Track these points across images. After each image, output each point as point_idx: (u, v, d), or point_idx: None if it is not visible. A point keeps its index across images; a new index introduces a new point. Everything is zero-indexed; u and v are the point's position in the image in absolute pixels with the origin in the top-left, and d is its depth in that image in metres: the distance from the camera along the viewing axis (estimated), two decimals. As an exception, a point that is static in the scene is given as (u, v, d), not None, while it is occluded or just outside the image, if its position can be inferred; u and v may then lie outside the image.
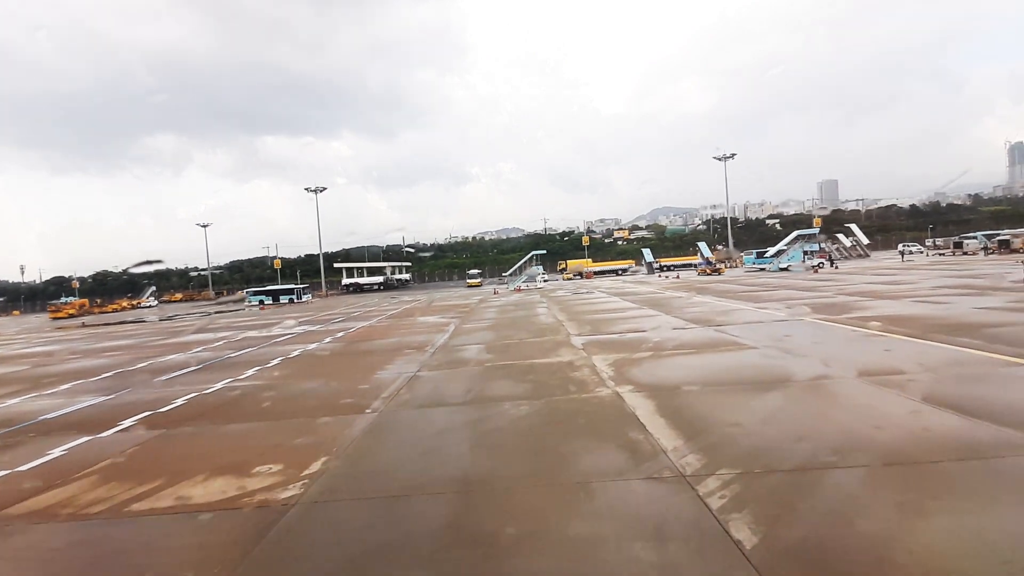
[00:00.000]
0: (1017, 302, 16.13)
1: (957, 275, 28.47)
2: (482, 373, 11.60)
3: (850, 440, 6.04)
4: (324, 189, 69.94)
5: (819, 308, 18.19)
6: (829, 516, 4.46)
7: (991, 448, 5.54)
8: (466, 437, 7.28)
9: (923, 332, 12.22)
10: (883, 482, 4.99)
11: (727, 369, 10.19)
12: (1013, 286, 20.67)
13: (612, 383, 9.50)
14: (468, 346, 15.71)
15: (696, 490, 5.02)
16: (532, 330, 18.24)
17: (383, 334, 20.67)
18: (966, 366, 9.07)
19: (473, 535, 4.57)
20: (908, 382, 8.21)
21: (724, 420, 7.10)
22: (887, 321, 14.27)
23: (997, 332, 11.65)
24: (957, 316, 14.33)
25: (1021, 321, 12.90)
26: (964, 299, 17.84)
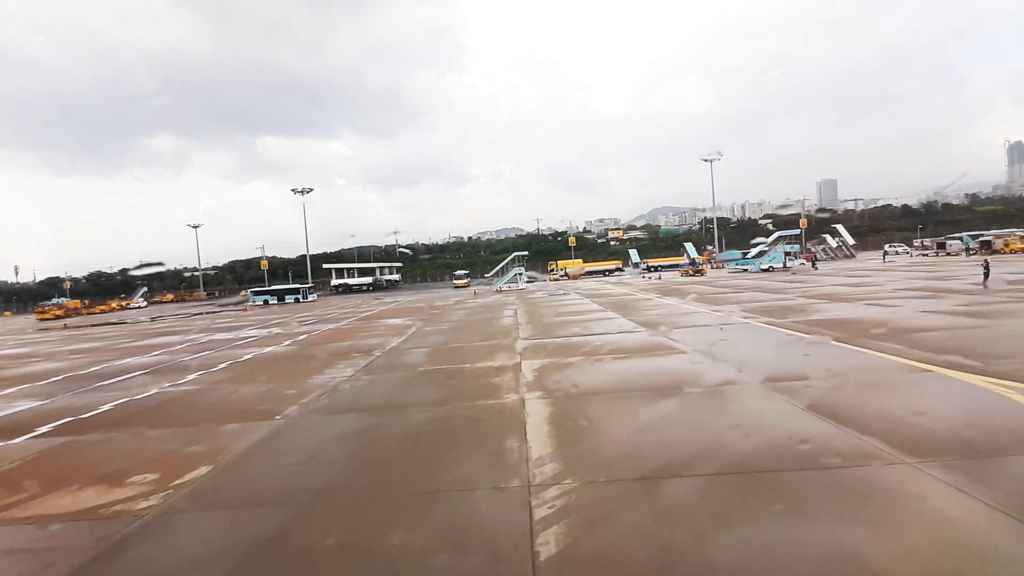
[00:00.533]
0: (963, 305, 16.20)
1: (925, 277, 28.57)
2: (409, 378, 11.68)
3: (711, 449, 6.11)
4: (311, 190, 70.12)
5: (771, 311, 18.25)
6: (640, 526, 4.52)
7: (841, 458, 5.60)
8: (351, 446, 7.36)
9: (854, 336, 12.30)
10: (713, 492, 5.06)
11: (644, 375, 10.25)
12: (971, 288, 20.75)
13: (524, 389, 9.57)
14: (414, 350, 15.78)
15: (531, 500, 5.08)
16: (484, 333, 18.31)
17: (342, 337, 20.72)
18: (872, 372, 9.13)
19: (291, 547, 4.64)
20: (805, 388, 8.28)
21: (605, 428, 7.18)
22: (827, 325, 14.34)
23: (923, 336, 11.72)
24: (896, 320, 14.41)
25: (953, 325, 12.98)
26: (915, 302, 17.91)
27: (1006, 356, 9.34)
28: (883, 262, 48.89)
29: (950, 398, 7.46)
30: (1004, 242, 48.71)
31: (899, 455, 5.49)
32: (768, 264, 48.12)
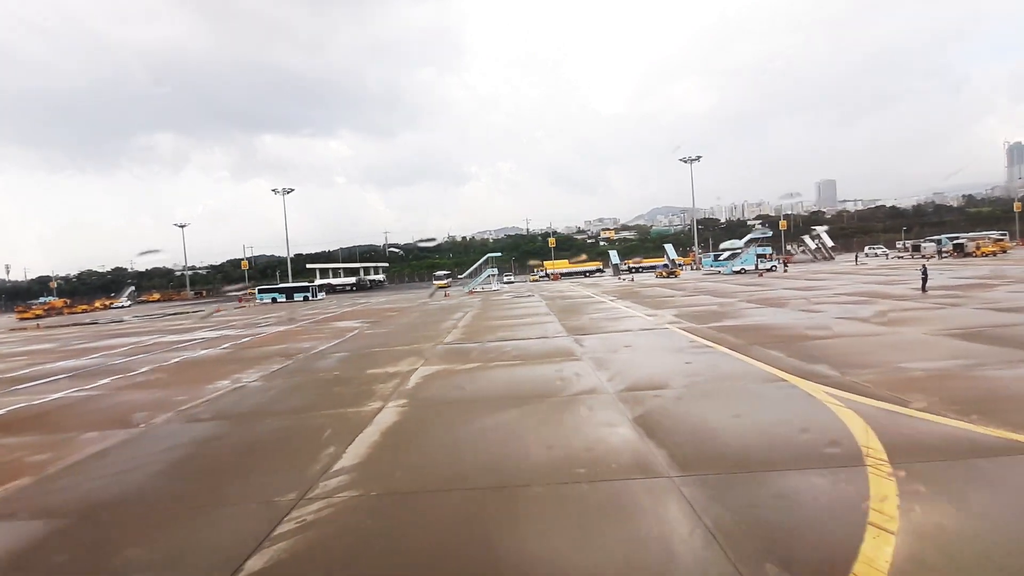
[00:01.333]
0: (880, 312, 16.31)
1: (877, 281, 28.69)
2: (300, 384, 11.78)
3: (506, 462, 6.20)
4: (292, 190, 70.07)
5: (700, 316, 18.37)
6: (374, 540, 4.63)
7: (611, 470, 5.69)
8: (181, 456, 7.44)
9: (749, 343, 12.40)
10: (466, 504, 5.16)
11: (521, 383, 10.36)
12: (907, 294, 20.85)
13: (395, 397, 9.67)
14: (333, 354, 15.88)
15: (288, 512, 5.17)
16: (412, 338, 18.44)
17: (280, 340, 20.80)
18: (729, 381, 9.24)
19: (25, 563, 4.74)
20: (652, 398, 8.37)
21: (435, 438, 7.30)
22: (736, 330, 14.45)
23: (811, 344, 11.84)
24: (804, 326, 14.51)
25: (850, 333, 13.09)
26: (842, 307, 18.01)
27: (869, 367, 9.43)
28: (855, 264, 49.04)
29: (773, 410, 7.55)
30: (976, 245, 48.86)
31: (670, 470, 5.58)
32: (740, 266, 48.23)
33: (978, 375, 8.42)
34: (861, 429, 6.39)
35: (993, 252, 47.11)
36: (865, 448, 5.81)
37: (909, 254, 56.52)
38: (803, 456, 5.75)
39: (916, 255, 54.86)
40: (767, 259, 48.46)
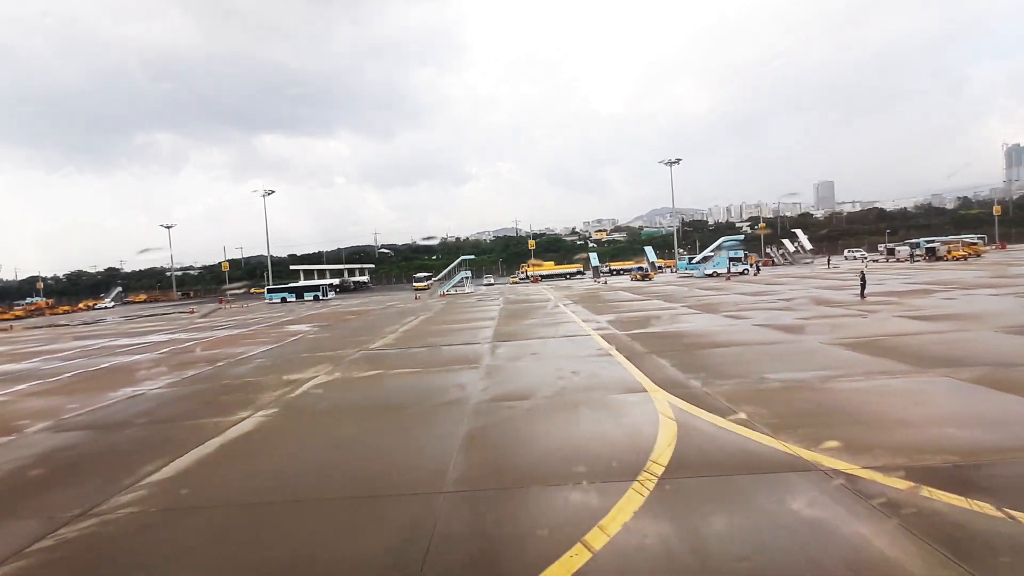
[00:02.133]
0: (801, 319, 16.41)
1: (830, 287, 28.82)
2: (191, 394, 11.83)
3: (323, 472, 6.30)
4: (273, 192, 69.99)
5: (629, 322, 18.49)
6: (104, 554, 4.70)
7: (397, 487, 5.78)
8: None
9: (652, 351, 12.52)
10: (243, 522, 5.24)
11: (404, 390, 10.58)
12: (846, 300, 20.95)
13: (269, 407, 9.74)
14: (256, 360, 15.94)
15: (56, 528, 5.24)
16: (349, 341, 18.65)
17: (219, 345, 20.86)
18: (596, 392, 9.30)
19: None
20: (507, 409, 8.48)
21: (264, 452, 7.39)
22: (651, 338, 14.59)
23: (704, 353, 11.93)
24: (714, 334, 14.61)
25: (753, 341, 13.19)
26: (772, 314, 18.12)
27: (734, 377, 9.52)
28: (828, 268, 49.21)
29: (604, 423, 7.60)
30: (948, 249, 49.05)
31: (449, 484, 5.67)
32: (712, 269, 48.35)
33: (825, 387, 8.49)
34: (666, 443, 6.48)
35: (964, 256, 47.29)
36: (652, 462, 5.89)
37: (884, 258, 56.71)
38: (589, 471, 5.82)
39: (891, 259, 55.04)
40: (740, 262, 48.59)
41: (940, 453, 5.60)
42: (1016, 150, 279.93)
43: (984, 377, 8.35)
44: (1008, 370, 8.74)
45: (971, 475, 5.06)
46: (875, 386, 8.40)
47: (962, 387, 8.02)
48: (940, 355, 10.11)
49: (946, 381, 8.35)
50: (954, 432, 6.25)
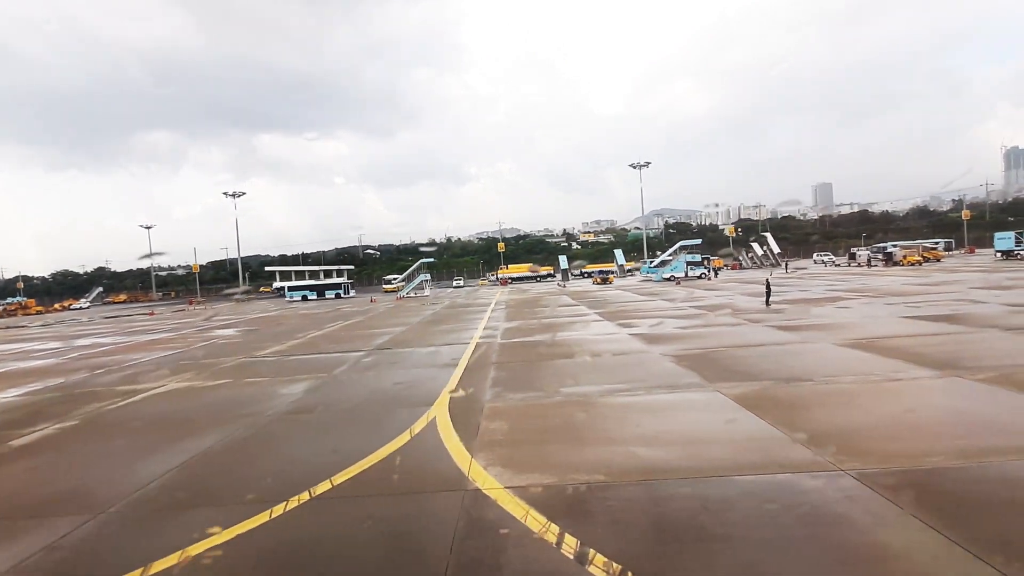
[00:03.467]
0: (681, 328, 16.60)
1: (756, 293, 28.97)
2: (22, 404, 11.98)
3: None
4: (243, 194, 70.17)
5: (525, 329, 18.70)
6: None
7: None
8: None
9: (505, 360, 12.68)
10: None
11: (213, 404, 10.64)
12: (751, 308, 21.14)
13: (70, 419, 9.90)
14: (128, 371, 16.08)
15: None
16: (252, 347, 18.84)
17: (122, 351, 21.00)
18: (394, 402, 9.48)
19: None
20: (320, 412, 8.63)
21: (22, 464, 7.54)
22: (518, 348, 14.76)
23: (547, 364, 12.10)
24: (579, 345, 14.78)
25: (601, 351, 13.36)
26: (658, 319, 18.32)
27: (536, 390, 9.70)
28: (786, 272, 49.45)
29: (358, 433, 7.80)
30: (904, 254, 49.28)
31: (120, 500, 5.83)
32: (670, 273, 48.56)
33: (599, 401, 8.65)
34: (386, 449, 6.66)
35: (918, 261, 47.48)
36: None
37: (846, 262, 56.95)
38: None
39: (852, 263, 55.29)
40: (698, 266, 48.88)
41: (629, 470, 5.75)
42: (1015, 152, 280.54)
43: (753, 392, 8.50)
44: (783, 386, 8.90)
45: (672, 489, 5.22)
46: (641, 401, 8.59)
47: (713, 402, 8.18)
48: (742, 369, 10.27)
49: (713, 397, 8.51)
50: (640, 450, 6.41)
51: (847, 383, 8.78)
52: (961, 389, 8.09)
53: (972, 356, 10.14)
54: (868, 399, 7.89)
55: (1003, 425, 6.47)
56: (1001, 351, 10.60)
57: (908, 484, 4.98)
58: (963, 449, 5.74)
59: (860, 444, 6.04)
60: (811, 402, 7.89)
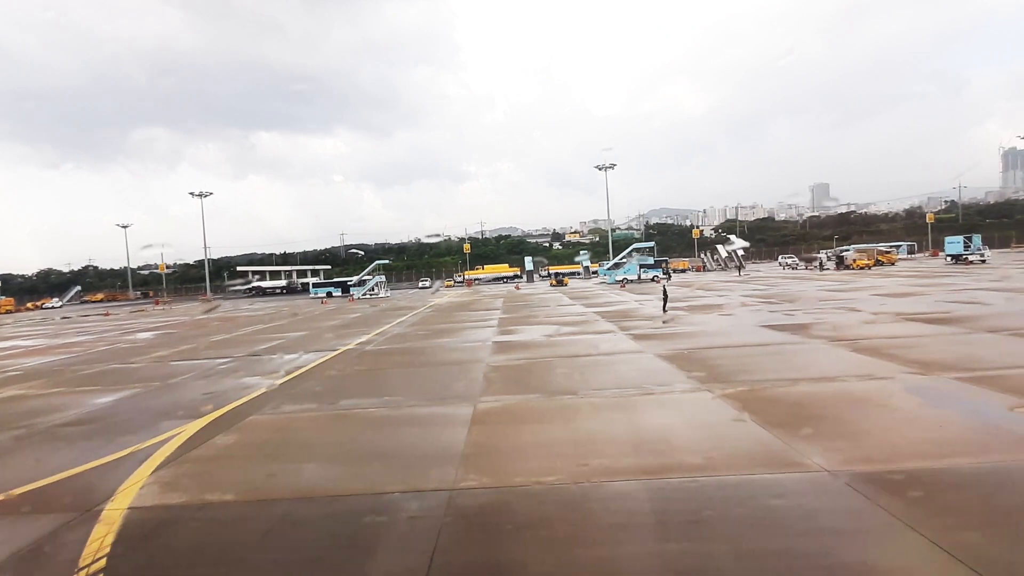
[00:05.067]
0: (550, 336, 16.92)
1: (679, 298, 29.33)
2: None
3: None
4: (210, 194, 70.28)
5: (401, 336, 18.97)
6: None
7: None
8: None
9: (376, 368, 12.97)
10: None
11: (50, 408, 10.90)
12: (647, 314, 21.46)
13: None
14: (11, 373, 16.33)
15: None
16: (154, 349, 18.98)
17: (35, 353, 21.23)
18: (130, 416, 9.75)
19: None
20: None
21: None
22: (383, 355, 15.05)
23: (386, 373, 12.39)
24: (431, 352, 15.09)
25: (436, 362, 13.66)
26: (549, 329, 18.62)
27: (350, 395, 10.01)
28: (739, 275, 49.87)
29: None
30: (854, 258, 49.75)
31: None
32: (623, 276, 48.95)
33: (369, 413, 8.97)
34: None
35: (867, 265, 47.91)
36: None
37: (804, 265, 57.43)
38: None
39: (810, 266, 55.75)
40: (649, 268, 49.40)
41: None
42: (1012, 153, 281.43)
43: (504, 405, 8.80)
44: (545, 399, 9.19)
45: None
46: (396, 414, 8.89)
47: (454, 416, 8.47)
48: (536, 383, 10.57)
49: (456, 411, 8.80)
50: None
51: (609, 395, 9.05)
52: (706, 403, 8.34)
53: (758, 369, 10.43)
54: (606, 412, 8.10)
55: (679, 442, 6.73)
56: (795, 365, 10.90)
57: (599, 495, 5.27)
58: (704, 463, 6.04)
59: (561, 453, 6.33)
60: (546, 415, 8.18)
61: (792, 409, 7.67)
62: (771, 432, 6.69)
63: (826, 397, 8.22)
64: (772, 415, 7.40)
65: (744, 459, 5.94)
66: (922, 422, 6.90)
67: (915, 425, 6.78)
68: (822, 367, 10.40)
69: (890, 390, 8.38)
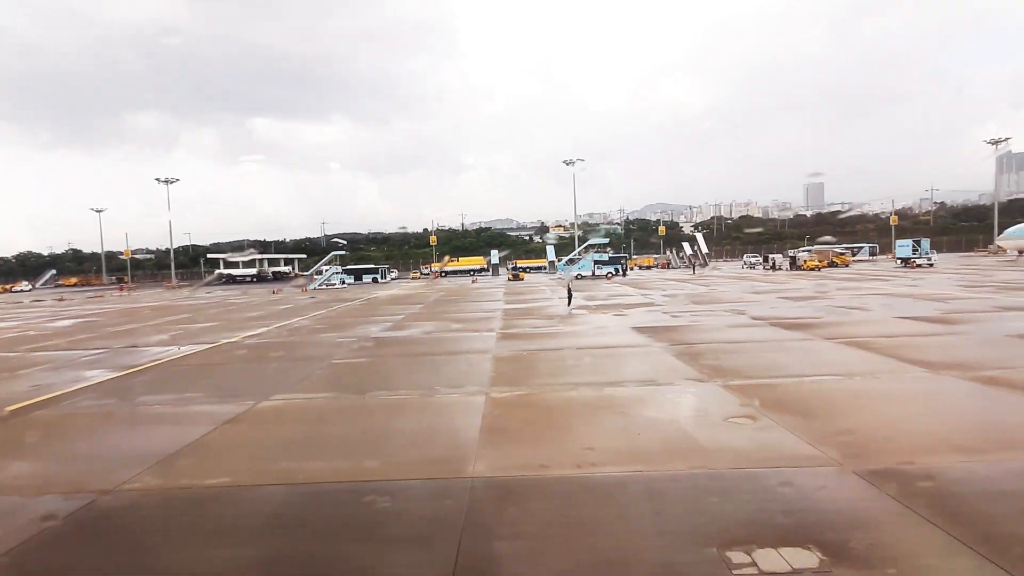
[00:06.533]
0: (423, 333, 17.25)
1: (592, 295, 29.72)
2: None
3: None
4: (177, 180, 69.88)
5: (312, 329, 19.28)
6: None
7: None
8: None
9: (258, 355, 13.24)
10: None
11: None
12: (551, 313, 21.80)
13: None
14: None
15: None
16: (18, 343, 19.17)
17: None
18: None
19: None
20: None
21: None
22: (265, 347, 15.33)
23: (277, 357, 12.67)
24: (325, 347, 15.39)
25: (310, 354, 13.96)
26: (439, 324, 18.96)
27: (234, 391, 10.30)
28: (692, 274, 50.38)
29: None
30: (804, 259, 50.35)
31: None
32: (577, 272, 49.44)
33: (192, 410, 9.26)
34: None
35: (816, 267, 48.44)
36: None
37: (762, 265, 57.97)
38: None
39: (765, 266, 56.31)
40: (604, 265, 49.99)
41: None
42: (1007, 156, 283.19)
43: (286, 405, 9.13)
44: (345, 394, 9.52)
45: None
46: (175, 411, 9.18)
47: (198, 415, 8.77)
48: (353, 379, 10.91)
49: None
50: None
51: (407, 394, 9.45)
52: (466, 404, 8.69)
53: (566, 372, 10.81)
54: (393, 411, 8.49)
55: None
56: (602, 369, 11.28)
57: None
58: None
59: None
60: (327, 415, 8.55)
61: (530, 412, 8.06)
62: (479, 436, 7.03)
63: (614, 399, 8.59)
64: (513, 418, 7.81)
65: (422, 463, 6.28)
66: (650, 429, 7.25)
67: (628, 431, 7.14)
68: (638, 371, 10.74)
69: (640, 396, 8.76)
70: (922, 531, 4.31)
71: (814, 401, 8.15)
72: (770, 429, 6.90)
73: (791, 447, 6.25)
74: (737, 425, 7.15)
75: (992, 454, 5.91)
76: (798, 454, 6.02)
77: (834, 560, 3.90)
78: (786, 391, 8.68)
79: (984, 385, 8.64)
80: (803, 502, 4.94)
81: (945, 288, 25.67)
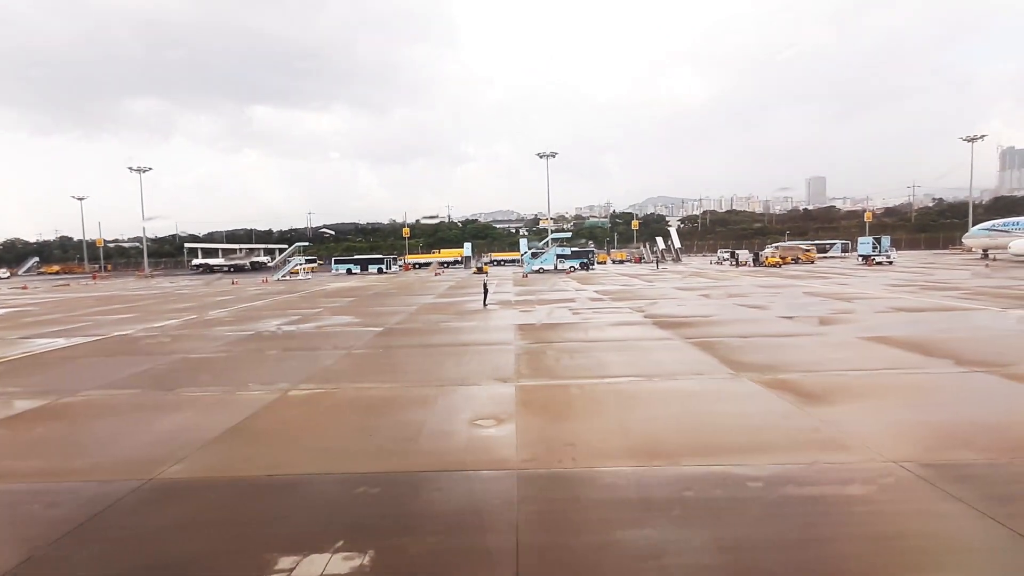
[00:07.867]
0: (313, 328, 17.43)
1: (538, 291, 29.87)
2: None
3: None
4: (150, 169, 69.75)
5: (248, 317, 19.45)
6: None
7: None
8: None
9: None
10: None
11: None
12: (468, 311, 21.97)
13: None
14: None
15: None
16: None
17: None
18: None
19: None
20: None
21: None
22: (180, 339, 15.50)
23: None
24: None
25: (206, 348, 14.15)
26: (368, 317, 19.15)
27: None
28: (656, 269, 50.52)
29: None
30: (766, 256, 50.48)
31: None
32: (539, 265, 49.61)
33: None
34: None
35: (777, 263, 48.56)
36: None
37: (730, 261, 58.09)
38: None
39: (731, 262, 56.41)
40: (567, 259, 50.24)
41: None
42: (1010, 152, 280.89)
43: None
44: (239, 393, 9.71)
45: None
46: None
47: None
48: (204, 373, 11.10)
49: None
50: None
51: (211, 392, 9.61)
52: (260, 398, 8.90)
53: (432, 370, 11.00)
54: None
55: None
56: (448, 365, 11.47)
57: None
58: None
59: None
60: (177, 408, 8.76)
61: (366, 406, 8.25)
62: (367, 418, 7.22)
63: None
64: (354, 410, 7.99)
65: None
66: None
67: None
68: (466, 370, 10.94)
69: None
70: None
71: (579, 402, 8.36)
72: (498, 428, 7.10)
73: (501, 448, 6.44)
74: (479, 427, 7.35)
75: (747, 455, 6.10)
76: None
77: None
78: (566, 392, 8.87)
79: (768, 388, 8.77)
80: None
81: (870, 289, 25.79)
